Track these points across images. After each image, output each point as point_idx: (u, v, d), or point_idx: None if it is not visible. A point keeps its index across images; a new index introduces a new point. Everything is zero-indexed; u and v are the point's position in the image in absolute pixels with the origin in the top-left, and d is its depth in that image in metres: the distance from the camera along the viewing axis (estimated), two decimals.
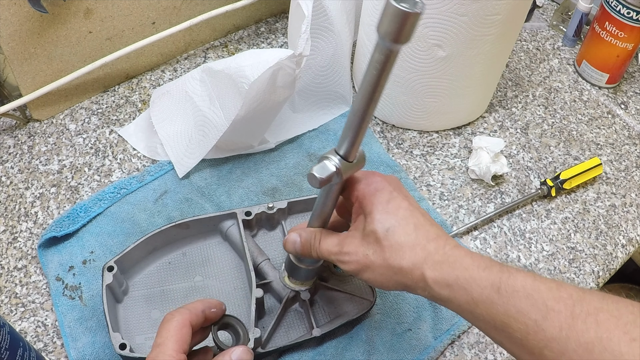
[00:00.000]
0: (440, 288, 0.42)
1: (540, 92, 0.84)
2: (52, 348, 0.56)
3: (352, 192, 0.46)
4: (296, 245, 0.50)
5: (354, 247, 0.45)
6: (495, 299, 0.39)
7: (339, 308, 0.58)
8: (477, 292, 0.40)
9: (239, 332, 0.50)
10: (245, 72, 0.60)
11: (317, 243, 0.48)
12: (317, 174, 0.43)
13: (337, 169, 0.43)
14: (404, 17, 0.34)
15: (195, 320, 0.45)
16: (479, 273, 0.40)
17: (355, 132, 0.42)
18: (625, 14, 0.76)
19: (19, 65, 0.67)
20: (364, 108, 0.40)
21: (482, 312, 0.40)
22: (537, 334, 0.37)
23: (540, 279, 0.39)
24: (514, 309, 0.38)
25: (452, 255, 0.42)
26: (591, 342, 0.35)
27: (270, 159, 0.71)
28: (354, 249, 0.45)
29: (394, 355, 0.57)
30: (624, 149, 0.79)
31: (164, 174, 0.69)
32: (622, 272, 0.74)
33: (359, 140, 0.43)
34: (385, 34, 0.35)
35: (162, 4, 0.75)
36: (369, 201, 0.45)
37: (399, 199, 0.45)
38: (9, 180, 0.68)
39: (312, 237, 0.49)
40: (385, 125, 0.77)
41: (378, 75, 0.38)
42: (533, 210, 0.71)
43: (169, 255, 0.61)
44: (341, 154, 0.43)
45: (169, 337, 0.43)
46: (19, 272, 0.61)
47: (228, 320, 0.49)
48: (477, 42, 0.65)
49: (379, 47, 0.37)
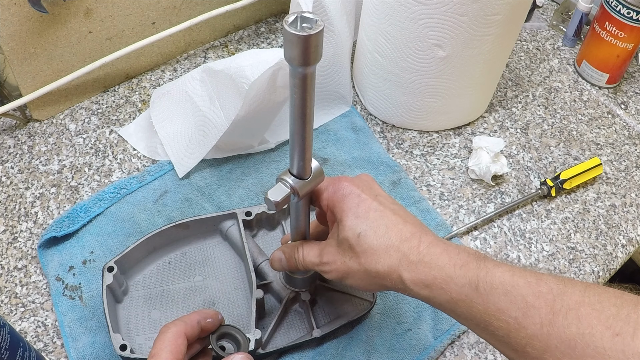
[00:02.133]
0: (419, 289, 0.41)
1: (540, 92, 0.84)
2: (52, 348, 0.56)
3: (322, 202, 0.47)
4: (282, 262, 0.51)
5: (331, 256, 0.46)
6: (474, 297, 0.39)
7: (339, 309, 0.58)
8: (455, 291, 0.40)
9: (239, 340, 0.50)
10: (245, 72, 0.60)
11: (300, 256, 0.49)
12: (272, 198, 0.44)
13: (292, 188, 0.44)
14: (304, 41, 0.34)
15: (190, 331, 0.46)
16: (456, 271, 0.40)
17: (301, 151, 0.42)
18: (625, 14, 0.76)
19: (19, 65, 0.67)
20: (301, 129, 0.41)
21: (462, 310, 0.40)
22: (518, 332, 0.37)
23: (519, 273, 0.38)
24: (493, 307, 0.38)
25: (427, 255, 0.42)
26: (573, 338, 0.34)
27: (270, 159, 0.71)
28: (332, 258, 0.46)
29: (394, 355, 0.57)
30: (624, 149, 0.79)
31: (164, 174, 0.69)
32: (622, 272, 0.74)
33: (308, 157, 0.43)
34: (291, 59, 0.35)
35: (162, 4, 0.75)
36: (338, 208, 0.45)
37: (368, 201, 0.44)
38: (9, 180, 0.68)
39: (295, 252, 0.49)
40: (385, 125, 0.77)
41: (302, 98, 0.38)
42: (533, 210, 0.71)
43: (169, 256, 0.61)
44: (294, 173, 0.44)
45: (163, 348, 0.44)
46: (19, 272, 0.61)
47: (226, 330, 0.50)
48: (477, 42, 0.65)
49: (292, 72, 0.37)
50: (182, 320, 0.46)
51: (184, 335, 0.45)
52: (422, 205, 0.68)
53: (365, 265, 0.43)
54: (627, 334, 0.33)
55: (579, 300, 0.36)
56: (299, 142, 0.42)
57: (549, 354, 0.35)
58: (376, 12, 0.67)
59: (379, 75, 0.72)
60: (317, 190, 0.47)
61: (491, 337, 0.39)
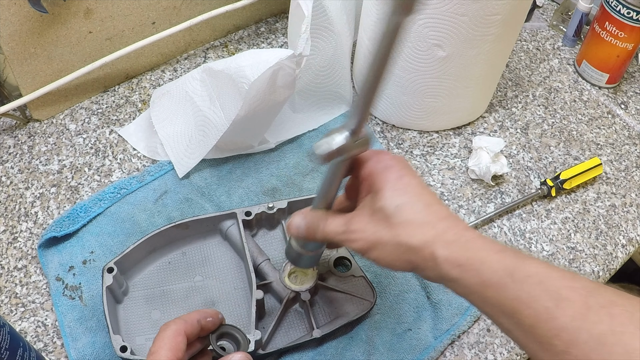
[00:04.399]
0: (450, 267, 0.40)
1: (540, 92, 0.84)
2: (52, 348, 0.56)
3: (361, 170, 0.46)
4: (300, 228, 0.48)
5: (362, 224, 0.44)
6: (508, 282, 0.38)
7: (339, 309, 0.58)
8: (488, 274, 0.39)
9: (239, 340, 0.50)
10: (245, 72, 0.60)
11: (322, 224, 0.47)
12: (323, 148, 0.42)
13: (344, 144, 0.43)
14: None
15: (190, 329, 0.46)
16: (492, 255, 0.39)
17: (365, 106, 0.41)
18: (625, 14, 0.76)
19: (19, 65, 0.67)
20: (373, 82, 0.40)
21: (491, 295, 0.39)
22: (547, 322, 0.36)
23: (554, 268, 0.38)
24: (525, 295, 0.37)
25: (463, 236, 0.41)
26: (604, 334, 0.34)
27: (270, 159, 0.71)
28: (362, 227, 0.44)
29: (394, 355, 0.57)
30: (624, 149, 0.79)
31: (164, 174, 0.69)
32: (622, 272, 0.74)
33: (366, 118, 0.43)
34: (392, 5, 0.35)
35: (162, 4, 0.75)
36: (378, 178, 0.44)
37: (409, 177, 0.44)
38: (9, 180, 0.68)
39: (318, 219, 0.47)
40: (385, 125, 0.77)
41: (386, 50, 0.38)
42: (533, 210, 0.71)
43: (169, 256, 0.61)
44: (348, 131, 0.43)
45: (162, 346, 0.44)
46: (19, 272, 0.61)
47: (226, 329, 0.50)
48: (477, 42, 0.65)
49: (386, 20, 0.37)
50: (182, 319, 0.46)
51: (184, 333, 0.45)
52: None
53: (398, 237, 0.42)
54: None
55: (612, 300, 0.36)
56: (367, 96, 0.41)
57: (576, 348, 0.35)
58: (376, 12, 0.67)
59: None
60: (360, 157, 0.46)
61: (516, 326, 0.38)
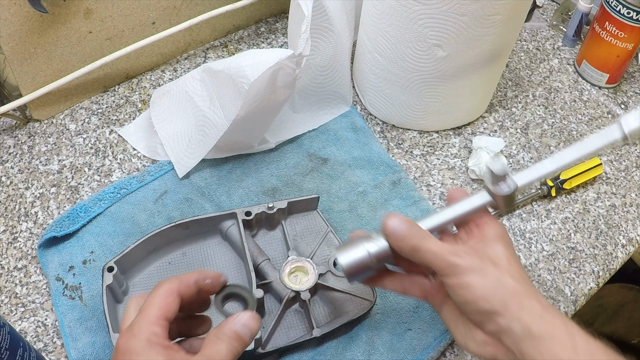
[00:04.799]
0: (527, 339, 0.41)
1: (540, 92, 0.84)
2: (52, 348, 0.56)
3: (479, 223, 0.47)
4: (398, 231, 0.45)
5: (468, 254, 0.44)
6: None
7: (339, 308, 0.58)
8: None
9: (246, 299, 0.47)
10: (245, 72, 0.60)
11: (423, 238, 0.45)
12: None
13: None
14: None
15: (185, 290, 0.43)
16: None
17: None
18: (625, 14, 0.76)
19: (19, 65, 0.67)
20: None
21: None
22: None
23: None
24: None
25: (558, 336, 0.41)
26: None
27: (270, 159, 0.71)
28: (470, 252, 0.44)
29: (394, 355, 0.57)
30: (624, 149, 0.79)
31: (164, 174, 0.69)
32: (622, 272, 0.74)
33: None
34: None
35: (162, 4, 0.75)
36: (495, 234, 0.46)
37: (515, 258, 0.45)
38: (9, 180, 0.68)
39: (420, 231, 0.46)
40: (385, 125, 0.77)
41: None
42: (533, 210, 0.71)
43: (169, 256, 0.61)
44: None
45: (152, 304, 0.42)
46: (19, 272, 0.61)
47: (232, 290, 0.46)
48: (477, 42, 0.65)
49: None
50: (178, 278, 0.43)
51: (177, 293, 0.42)
52: (422, 205, 0.68)
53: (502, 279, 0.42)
54: None
55: None
56: None
57: None
58: (376, 12, 0.67)
59: (379, 75, 0.72)
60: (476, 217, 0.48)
61: None
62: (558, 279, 0.65)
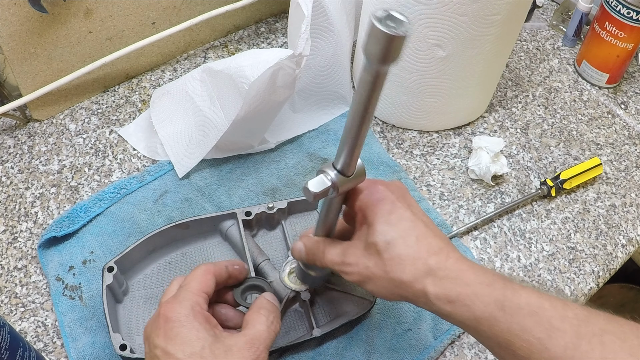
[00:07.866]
0: (442, 304, 0.41)
1: (540, 92, 0.84)
2: (52, 348, 0.56)
3: (355, 202, 0.46)
4: (302, 253, 0.50)
5: (355, 258, 0.45)
6: (499, 316, 0.39)
7: (339, 308, 0.58)
8: (479, 309, 0.39)
9: (264, 289, 0.52)
10: (245, 72, 0.60)
11: (320, 253, 0.48)
12: (312, 189, 0.43)
13: (332, 183, 0.43)
14: (390, 40, 0.33)
15: (218, 272, 0.48)
16: (482, 289, 0.40)
17: (351, 148, 0.41)
18: (625, 14, 0.76)
19: (19, 65, 0.67)
20: (358, 125, 0.40)
21: (485, 329, 0.39)
22: (541, 353, 0.37)
23: (545, 297, 0.38)
24: (517, 327, 0.38)
25: (454, 270, 0.41)
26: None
27: (270, 159, 0.71)
28: (355, 260, 0.45)
29: (394, 355, 0.57)
30: (624, 149, 0.79)
31: (164, 174, 0.69)
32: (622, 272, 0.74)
33: (356, 155, 0.42)
34: (371, 55, 0.35)
35: (162, 4, 0.75)
36: (370, 211, 0.44)
37: (402, 210, 0.44)
38: (9, 180, 0.68)
39: (316, 247, 0.49)
40: (385, 125, 0.77)
41: (368, 95, 0.38)
42: (533, 210, 0.71)
43: (169, 256, 0.61)
44: (338, 168, 0.43)
45: (194, 279, 0.46)
46: (19, 272, 0.61)
47: (251, 282, 0.52)
48: (477, 42, 0.65)
49: (366, 68, 0.37)
50: (212, 263, 0.49)
51: (213, 274, 0.47)
52: (422, 205, 0.68)
53: (390, 274, 0.43)
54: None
55: (603, 328, 0.36)
56: (352, 138, 0.41)
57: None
58: None
59: None
60: (354, 189, 0.46)
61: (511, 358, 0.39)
62: (558, 279, 0.65)
